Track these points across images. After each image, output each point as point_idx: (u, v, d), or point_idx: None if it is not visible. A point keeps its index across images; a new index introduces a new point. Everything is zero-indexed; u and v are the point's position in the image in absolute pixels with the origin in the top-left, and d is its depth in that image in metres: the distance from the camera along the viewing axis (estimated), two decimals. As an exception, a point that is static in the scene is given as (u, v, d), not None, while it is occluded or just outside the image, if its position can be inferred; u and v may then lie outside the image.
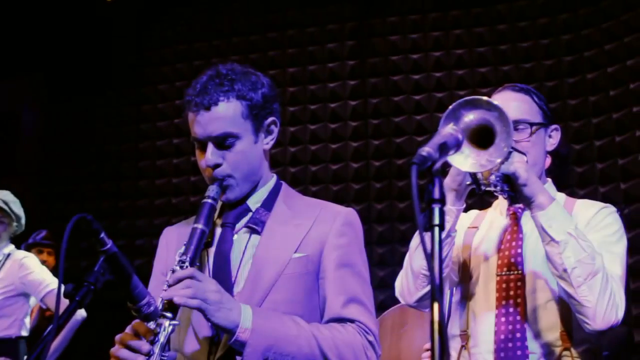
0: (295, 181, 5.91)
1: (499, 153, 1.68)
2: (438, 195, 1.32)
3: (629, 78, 5.33)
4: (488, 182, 1.96)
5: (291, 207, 2.10)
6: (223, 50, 6.29)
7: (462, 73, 5.73)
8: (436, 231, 1.30)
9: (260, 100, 2.04)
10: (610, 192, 5.34)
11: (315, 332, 1.90)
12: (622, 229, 2.16)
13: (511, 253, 2.13)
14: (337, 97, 6.00)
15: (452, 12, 5.87)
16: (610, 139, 5.40)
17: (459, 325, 2.17)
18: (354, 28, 6.06)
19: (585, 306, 1.92)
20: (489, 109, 1.70)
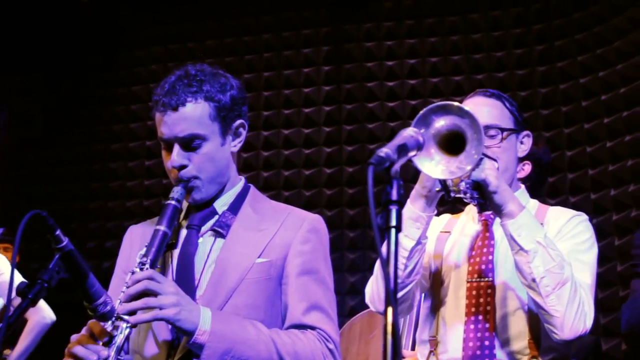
0: (267, 186, 5.88)
1: (470, 160, 1.68)
2: (396, 197, 1.31)
3: (601, 89, 5.39)
4: (458, 189, 1.95)
5: (257, 212, 2.09)
6: (198, 53, 6.24)
7: (436, 81, 5.75)
8: (392, 233, 1.29)
9: (228, 102, 2.03)
10: (581, 202, 5.38)
11: (274, 338, 1.89)
12: (594, 237, 2.16)
13: (482, 260, 2.12)
14: (311, 102, 5.99)
15: (428, 20, 5.89)
16: (581, 149, 5.45)
17: (429, 331, 2.16)
18: (329, 33, 6.06)
19: (553, 316, 1.91)
20: (461, 115, 1.69)
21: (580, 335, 1.95)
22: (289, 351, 1.89)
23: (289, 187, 5.92)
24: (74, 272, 1.76)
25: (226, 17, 6.29)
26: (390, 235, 1.30)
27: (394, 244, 1.30)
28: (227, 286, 1.97)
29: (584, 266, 2.05)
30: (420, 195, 1.99)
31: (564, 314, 1.90)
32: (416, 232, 1.99)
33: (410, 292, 2.07)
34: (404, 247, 2.00)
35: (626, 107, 5.23)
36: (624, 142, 5.24)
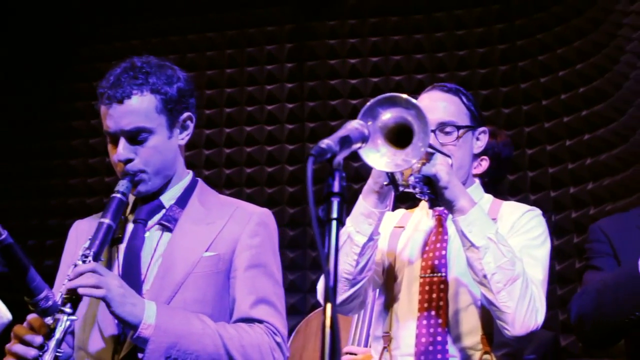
0: (230, 183, 5.85)
1: (416, 153, 1.67)
2: (338, 189, 1.30)
3: (561, 89, 5.45)
4: (407, 183, 1.94)
5: (205, 205, 2.08)
6: (160, 49, 6.16)
7: (399, 79, 5.76)
8: (334, 225, 1.28)
9: (175, 94, 2.02)
10: (541, 199, 5.44)
11: (221, 332, 1.88)
12: (547, 232, 2.17)
13: (435, 255, 2.12)
14: (274, 99, 5.96)
15: (392, 18, 5.90)
16: (541, 148, 5.51)
17: (382, 327, 2.15)
18: (293, 30, 6.03)
19: (504, 312, 1.92)
20: (407, 107, 1.69)
21: (532, 331, 1.95)
22: (236, 345, 1.88)
23: (251, 184, 5.88)
24: (13, 266, 1.73)
25: (189, 13, 6.23)
26: (331, 228, 1.28)
27: (335, 236, 1.28)
28: (174, 280, 1.95)
29: (536, 262, 2.06)
30: (372, 191, 1.98)
31: (515, 310, 1.91)
32: (368, 228, 1.98)
33: (362, 288, 2.06)
34: (356, 244, 1.99)
35: (585, 106, 5.30)
36: (583, 140, 5.31)
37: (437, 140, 2.13)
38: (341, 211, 1.31)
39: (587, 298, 2.16)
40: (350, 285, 2.02)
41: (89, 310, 1.97)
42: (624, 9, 4.73)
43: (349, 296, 2.04)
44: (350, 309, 2.12)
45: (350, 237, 1.99)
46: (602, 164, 5.17)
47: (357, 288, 2.04)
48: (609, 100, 5.10)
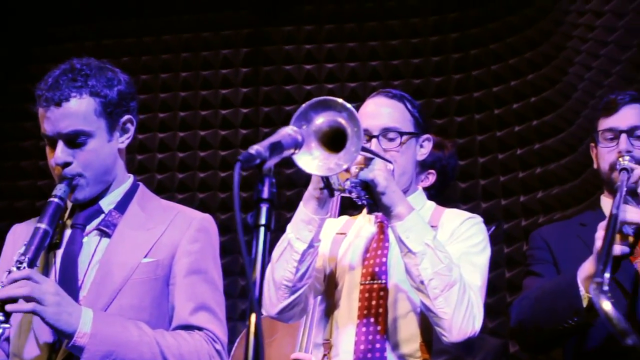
0: (183, 187, 5.80)
1: (348, 157, 1.67)
2: (267, 195, 1.30)
3: (512, 99, 5.53)
4: (342, 188, 1.93)
5: (146, 210, 2.05)
6: (114, 51, 6.09)
7: (354, 86, 5.78)
8: (262, 231, 1.27)
9: (115, 97, 1.99)
10: (492, 207, 5.51)
11: (159, 339, 1.86)
12: (487, 239, 2.18)
13: (375, 262, 2.12)
14: (229, 104, 5.93)
15: (347, 25, 5.92)
16: (493, 156, 5.58)
17: (322, 334, 2.15)
18: (249, 35, 6.01)
19: (441, 318, 1.92)
20: (339, 110, 1.69)
21: (469, 337, 1.96)
22: (174, 353, 1.86)
23: (204, 189, 5.84)
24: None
25: (144, 16, 6.16)
26: (259, 234, 1.27)
27: (263, 243, 1.27)
28: (112, 287, 1.92)
29: (475, 268, 2.07)
30: (313, 197, 1.98)
31: (452, 316, 1.91)
32: (308, 235, 1.97)
33: (302, 295, 2.05)
34: (296, 250, 1.98)
35: (536, 116, 5.39)
36: (533, 150, 5.39)
37: (380, 146, 2.13)
38: (270, 217, 1.30)
39: (526, 304, 2.18)
40: (290, 292, 2.01)
41: (25, 316, 1.93)
42: (574, 21, 4.82)
43: (289, 303, 2.03)
44: (291, 316, 2.10)
45: (290, 244, 1.98)
46: (552, 173, 5.26)
47: (298, 295, 2.02)
48: (558, 111, 5.20)
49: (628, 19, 4.16)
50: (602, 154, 2.41)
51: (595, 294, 1.57)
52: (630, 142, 2.33)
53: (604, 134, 2.39)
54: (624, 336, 1.42)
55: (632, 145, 2.32)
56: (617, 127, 2.35)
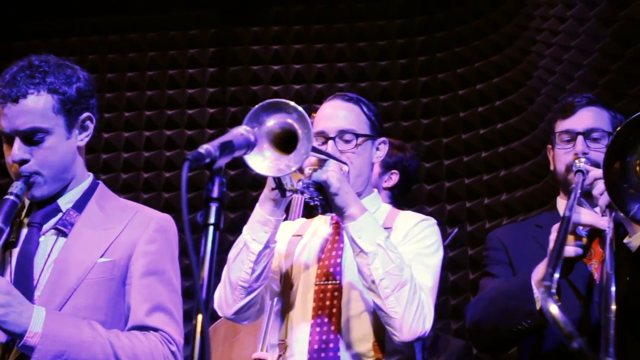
0: (148, 187, 5.75)
1: (298, 159, 1.69)
2: (217, 194, 1.29)
3: (478, 102, 5.58)
4: (295, 188, 1.94)
5: (104, 210, 2.03)
6: (80, 49, 6.04)
7: (321, 87, 5.79)
8: (211, 230, 1.26)
9: (74, 94, 1.97)
10: (456, 209, 5.55)
11: (112, 340, 1.84)
12: (440, 241, 2.19)
13: (330, 263, 2.12)
14: (195, 103, 5.90)
15: (315, 27, 5.92)
16: (458, 159, 5.62)
17: (278, 334, 2.14)
18: (216, 35, 5.99)
19: (392, 317, 1.93)
20: (289, 111, 1.70)
21: (419, 337, 1.97)
22: (128, 353, 1.84)
23: (169, 189, 5.80)
24: None
25: (110, 13, 6.11)
26: (208, 233, 1.27)
27: (212, 242, 1.26)
28: (66, 286, 1.90)
29: (427, 269, 2.08)
30: (269, 199, 1.97)
31: (403, 316, 1.92)
32: (264, 236, 1.97)
33: (258, 296, 2.05)
34: (252, 251, 1.97)
35: (501, 119, 5.44)
36: (498, 152, 5.44)
37: (336, 148, 2.13)
38: (219, 217, 1.29)
39: (481, 305, 2.19)
40: (246, 293, 2.00)
41: None
42: (538, 26, 4.88)
43: (245, 304, 2.02)
44: (247, 317, 2.10)
45: (247, 245, 1.97)
46: (516, 176, 5.31)
47: (254, 296, 2.02)
48: (522, 114, 5.26)
49: (590, 25, 4.22)
50: (559, 155, 2.43)
51: (543, 297, 1.58)
52: (587, 144, 2.35)
53: (561, 136, 2.41)
54: (570, 340, 1.44)
55: (588, 147, 2.34)
56: (573, 129, 2.37)
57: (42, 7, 6.17)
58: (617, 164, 1.92)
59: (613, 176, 1.91)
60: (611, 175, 1.91)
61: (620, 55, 3.96)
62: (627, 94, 3.84)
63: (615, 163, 1.92)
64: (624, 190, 1.89)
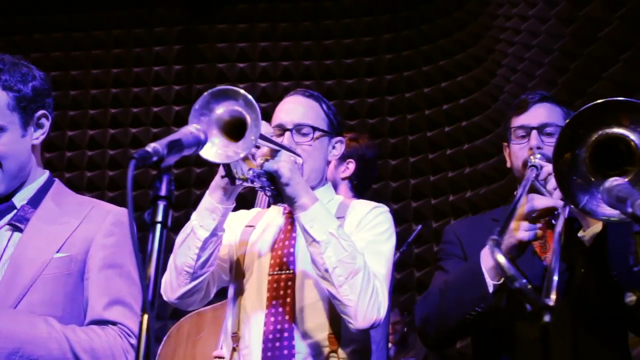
0: (113, 186, 5.71)
1: (247, 145, 1.69)
2: (165, 192, 1.28)
3: (443, 100, 5.63)
4: (245, 177, 1.93)
5: (60, 206, 2.01)
6: (43, 45, 5.98)
7: (287, 84, 5.80)
8: (158, 229, 1.26)
9: (29, 93, 1.96)
10: (421, 206, 5.59)
11: (68, 335, 1.82)
12: (392, 228, 2.20)
13: (284, 252, 2.11)
14: (161, 101, 5.88)
15: (281, 25, 5.93)
16: (424, 156, 5.67)
17: (232, 325, 2.14)
18: (182, 32, 5.97)
19: (347, 305, 1.93)
20: (236, 97, 1.70)
21: (374, 324, 1.97)
22: (85, 348, 1.82)
23: (136, 186, 5.76)
24: None
25: (74, 10, 6.05)
26: (155, 231, 1.26)
27: (159, 240, 1.26)
28: (22, 283, 1.87)
29: (381, 257, 2.08)
30: (219, 187, 1.97)
31: (357, 303, 1.92)
32: (212, 223, 1.96)
33: (203, 282, 2.04)
34: (198, 238, 1.97)
35: (465, 117, 5.49)
36: (462, 150, 5.50)
37: (292, 140, 2.14)
38: (167, 215, 1.28)
39: (431, 299, 2.20)
40: (190, 278, 1.99)
41: None
42: (501, 24, 4.94)
43: (189, 289, 2.01)
44: (191, 302, 2.09)
45: (194, 231, 1.97)
46: (480, 173, 5.37)
47: (198, 282, 2.00)
48: (486, 112, 5.31)
49: (550, 24, 4.28)
50: (514, 151, 2.45)
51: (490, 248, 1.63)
52: (541, 139, 2.37)
53: (516, 132, 2.43)
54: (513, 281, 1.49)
55: (542, 142, 2.36)
56: (528, 124, 2.39)
57: (5, 4, 6.10)
58: (568, 155, 1.94)
59: (563, 168, 1.92)
60: (561, 167, 1.92)
61: (579, 54, 4.02)
62: (585, 92, 3.90)
63: (566, 155, 1.93)
64: (574, 182, 1.91)
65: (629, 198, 1.46)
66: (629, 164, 1.90)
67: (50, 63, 5.92)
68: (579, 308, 2.18)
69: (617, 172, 1.89)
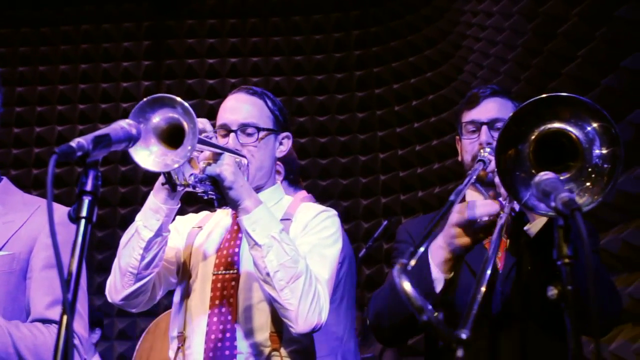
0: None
1: (184, 154, 1.68)
2: (90, 188, 1.28)
3: (412, 95, 5.64)
4: (187, 183, 1.92)
5: (5, 204, 2.00)
6: (11, 40, 5.92)
7: (257, 80, 5.79)
8: (82, 224, 1.26)
9: None
10: (391, 202, 5.60)
11: (11, 330, 1.81)
12: (339, 232, 2.20)
13: (229, 252, 2.11)
14: (130, 97, 5.85)
15: (251, 20, 5.92)
16: (393, 152, 5.68)
17: (177, 326, 2.13)
18: (151, 28, 5.94)
19: (288, 309, 1.93)
20: (173, 105, 1.70)
21: (315, 328, 1.97)
22: (28, 345, 1.82)
23: (104, 183, 5.73)
24: None
25: (44, 6, 6.00)
26: (80, 227, 1.26)
27: (82, 236, 1.25)
28: None
29: (325, 261, 2.08)
30: (163, 187, 1.96)
31: (298, 308, 1.91)
32: (156, 224, 1.94)
33: (149, 284, 2.02)
34: (142, 238, 1.95)
35: (434, 113, 5.51)
36: (431, 146, 5.51)
37: (237, 141, 2.13)
38: (92, 210, 1.28)
39: (381, 295, 2.20)
40: (135, 279, 1.98)
41: None
42: (468, 20, 4.95)
43: (134, 291, 2.00)
44: (136, 304, 2.08)
45: (138, 232, 1.95)
46: (448, 169, 5.38)
47: (143, 283, 1.99)
48: (454, 108, 5.33)
49: (513, 20, 4.30)
50: (465, 145, 2.45)
51: (397, 274, 1.61)
52: (491, 134, 2.37)
53: (467, 126, 2.43)
54: (421, 313, 1.48)
55: (492, 137, 2.37)
56: (478, 119, 2.39)
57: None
58: (511, 151, 1.94)
59: (507, 164, 1.93)
60: (505, 163, 1.93)
61: (540, 50, 4.04)
62: (546, 88, 3.91)
63: (509, 151, 1.93)
64: (517, 178, 1.91)
65: (552, 192, 1.46)
66: (571, 159, 1.91)
67: (18, 58, 5.87)
68: (526, 301, 2.19)
69: (560, 167, 1.91)
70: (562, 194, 1.42)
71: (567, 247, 1.40)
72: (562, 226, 1.41)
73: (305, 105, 5.69)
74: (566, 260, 1.41)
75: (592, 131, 1.86)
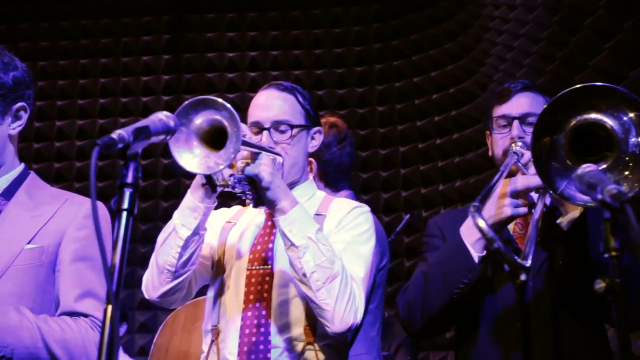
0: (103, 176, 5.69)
1: (227, 157, 1.70)
2: (131, 180, 1.28)
3: (433, 89, 5.62)
4: (226, 183, 1.92)
5: (34, 198, 2.01)
6: (31, 35, 5.95)
7: (277, 74, 5.79)
8: (124, 216, 1.26)
9: (10, 82, 1.96)
10: (411, 196, 5.59)
11: (40, 325, 1.82)
12: (372, 229, 2.19)
13: (263, 248, 2.11)
14: (150, 90, 5.86)
15: (270, 13, 5.91)
16: (413, 146, 5.66)
17: (211, 320, 2.14)
18: (170, 22, 5.95)
19: (324, 309, 1.93)
20: (219, 109, 1.71)
21: (351, 328, 1.98)
22: (57, 339, 1.83)
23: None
24: None
25: (64, 0, 6.02)
26: (121, 219, 1.26)
27: (125, 228, 1.26)
28: None
29: (359, 259, 2.08)
30: (200, 186, 1.96)
31: (334, 308, 1.92)
32: (193, 222, 1.95)
33: (185, 281, 2.04)
34: (180, 237, 1.96)
35: (455, 106, 5.48)
36: (452, 139, 5.49)
37: (271, 139, 2.13)
38: (133, 202, 1.28)
39: (415, 284, 2.21)
40: (172, 277, 1.99)
41: None
42: (490, 13, 4.92)
43: (171, 288, 2.01)
44: (173, 301, 2.09)
45: (176, 230, 1.96)
46: (469, 162, 5.36)
47: (180, 281, 2.01)
48: (475, 101, 5.31)
49: (537, 13, 4.27)
50: (496, 140, 2.45)
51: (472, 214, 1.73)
52: (522, 129, 2.37)
53: (498, 121, 2.44)
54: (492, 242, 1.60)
55: (524, 131, 2.37)
56: (509, 114, 2.39)
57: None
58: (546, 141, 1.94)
59: (542, 154, 1.93)
60: (540, 152, 1.93)
61: (565, 42, 4.01)
62: (572, 81, 3.89)
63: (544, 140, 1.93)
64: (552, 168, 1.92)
65: (599, 185, 1.46)
66: (607, 149, 1.90)
67: (38, 53, 5.89)
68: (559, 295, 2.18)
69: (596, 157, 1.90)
70: (609, 186, 1.41)
71: (614, 240, 1.40)
72: (609, 219, 1.40)
73: (324, 98, 5.68)
74: (613, 253, 1.40)
75: (628, 121, 1.86)
